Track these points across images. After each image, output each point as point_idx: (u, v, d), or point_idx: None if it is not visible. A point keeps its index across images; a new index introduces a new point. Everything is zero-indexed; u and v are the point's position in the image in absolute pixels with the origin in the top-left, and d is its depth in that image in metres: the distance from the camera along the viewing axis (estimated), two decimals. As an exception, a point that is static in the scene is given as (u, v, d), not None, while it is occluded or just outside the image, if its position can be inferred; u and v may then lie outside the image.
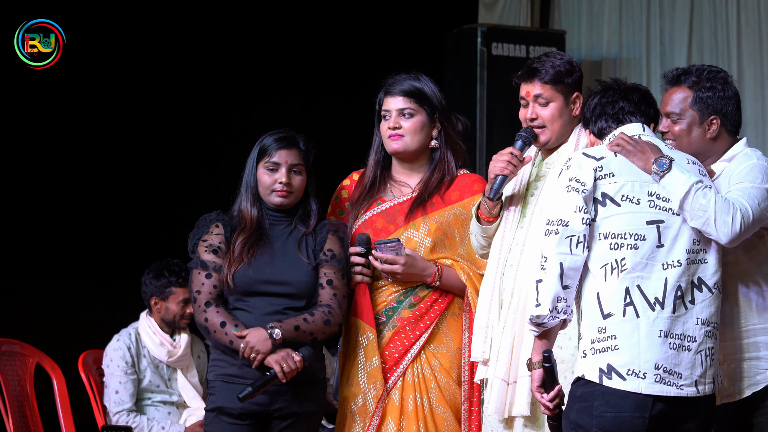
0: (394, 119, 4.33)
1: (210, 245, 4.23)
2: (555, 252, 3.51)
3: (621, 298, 3.52)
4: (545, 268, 3.51)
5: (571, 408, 3.56)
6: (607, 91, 3.76)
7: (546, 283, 3.51)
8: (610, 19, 8.01)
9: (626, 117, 3.72)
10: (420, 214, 4.33)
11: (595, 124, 3.76)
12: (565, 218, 3.53)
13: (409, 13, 7.71)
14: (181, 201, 6.90)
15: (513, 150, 4.07)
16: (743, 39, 7.50)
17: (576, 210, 3.53)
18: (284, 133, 4.29)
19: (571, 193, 3.55)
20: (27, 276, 6.67)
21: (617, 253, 3.53)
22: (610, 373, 3.49)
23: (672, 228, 3.57)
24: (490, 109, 7.35)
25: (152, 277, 5.76)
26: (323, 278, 4.25)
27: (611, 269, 3.53)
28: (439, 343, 4.30)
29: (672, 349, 3.52)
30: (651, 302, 3.52)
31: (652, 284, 3.53)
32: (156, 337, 5.74)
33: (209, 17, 7.25)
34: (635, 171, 3.59)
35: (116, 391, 5.63)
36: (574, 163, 3.60)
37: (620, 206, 3.55)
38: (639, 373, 3.49)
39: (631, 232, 3.54)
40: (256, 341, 4.10)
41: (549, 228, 3.54)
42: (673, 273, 3.55)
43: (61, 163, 6.85)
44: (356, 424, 4.24)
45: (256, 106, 7.26)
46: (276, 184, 4.22)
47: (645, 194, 3.57)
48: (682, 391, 3.52)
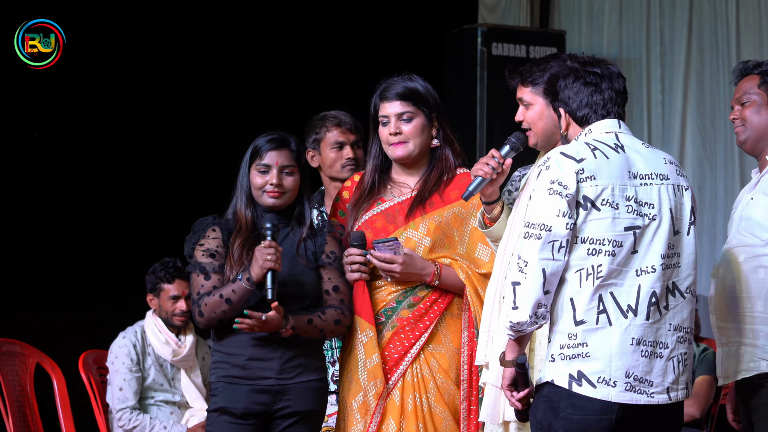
0: (394, 124, 4.31)
1: (207, 249, 4.23)
2: (537, 257, 3.43)
3: (594, 306, 3.47)
4: (525, 273, 3.44)
5: (538, 408, 3.53)
6: (589, 73, 3.64)
7: (526, 288, 3.44)
8: (610, 19, 8.02)
9: (612, 109, 3.62)
10: (419, 214, 4.33)
11: (579, 110, 3.64)
12: (547, 222, 3.45)
13: (409, 13, 7.72)
14: (181, 201, 6.90)
15: (495, 152, 4.07)
16: (743, 39, 7.51)
17: (559, 214, 3.45)
18: (275, 134, 4.29)
19: (553, 196, 3.47)
20: (27, 276, 6.68)
21: (594, 259, 3.47)
22: (581, 379, 3.45)
23: (647, 233, 3.51)
24: (490, 109, 7.35)
25: (149, 274, 5.82)
26: (329, 283, 4.26)
27: (586, 275, 3.47)
28: (437, 344, 4.30)
29: (644, 357, 3.48)
30: (624, 310, 3.48)
31: (625, 291, 3.49)
32: (161, 336, 5.75)
33: (209, 19, 7.25)
34: (614, 174, 3.51)
35: (120, 387, 5.64)
36: (553, 164, 3.51)
37: (600, 211, 3.48)
38: (609, 381, 3.45)
39: (609, 238, 3.47)
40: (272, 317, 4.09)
41: (530, 231, 3.46)
42: (648, 279, 3.50)
43: (61, 163, 6.85)
44: (357, 421, 4.24)
45: (256, 107, 7.27)
46: (267, 186, 4.23)
47: (623, 199, 3.51)
48: (652, 399, 3.49)
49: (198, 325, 4.30)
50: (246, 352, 4.18)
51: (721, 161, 7.59)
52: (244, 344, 4.18)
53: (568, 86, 3.64)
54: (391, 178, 4.42)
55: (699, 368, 6.14)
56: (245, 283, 4.11)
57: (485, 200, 4.14)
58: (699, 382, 6.12)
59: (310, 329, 4.17)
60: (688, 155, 7.65)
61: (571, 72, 3.65)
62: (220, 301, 4.14)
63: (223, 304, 4.14)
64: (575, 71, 3.64)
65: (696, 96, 7.68)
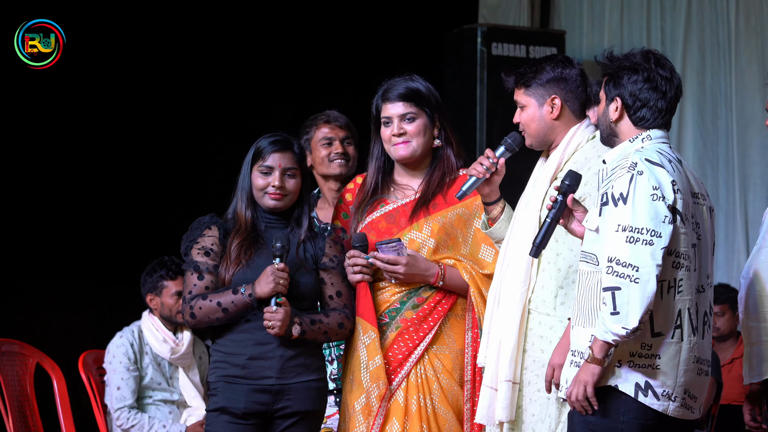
0: (397, 125, 4.31)
1: (203, 248, 4.23)
2: (652, 263, 3.37)
3: (673, 320, 3.48)
4: (637, 279, 3.37)
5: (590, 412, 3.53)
6: (661, 78, 3.58)
7: (637, 294, 3.38)
8: (610, 20, 8.02)
9: (668, 119, 3.61)
10: (423, 215, 4.33)
11: (640, 111, 3.60)
12: (657, 229, 3.39)
13: (409, 13, 7.71)
14: (181, 201, 6.90)
15: (489, 152, 4.08)
16: (743, 39, 7.50)
17: (665, 221, 3.41)
18: (279, 136, 4.29)
19: (657, 202, 3.42)
20: (27, 276, 6.68)
21: (677, 272, 3.47)
22: (647, 390, 3.47)
23: (700, 250, 3.54)
24: (490, 109, 7.35)
25: (146, 274, 5.80)
26: (332, 287, 4.27)
27: (668, 287, 3.47)
28: (441, 345, 4.29)
29: (698, 375, 3.54)
30: (694, 326, 3.51)
31: (695, 309, 3.51)
32: (159, 334, 5.75)
33: (208, 19, 7.25)
34: (686, 189, 3.51)
35: (118, 387, 5.63)
36: (647, 171, 3.45)
37: (684, 225, 3.48)
38: (671, 396, 3.49)
39: (689, 254, 3.48)
40: (283, 317, 4.10)
41: (634, 236, 3.40)
42: (703, 298, 3.55)
43: (61, 163, 6.85)
44: (360, 423, 4.23)
45: (256, 107, 7.27)
46: (269, 187, 4.23)
47: (690, 215, 3.52)
48: (693, 414, 3.55)
49: (186, 323, 4.31)
50: (246, 351, 4.18)
51: (722, 161, 7.59)
52: (244, 344, 4.18)
53: (636, 83, 3.58)
54: (393, 180, 4.42)
55: (700, 368, 6.15)
56: (247, 298, 4.12)
57: (484, 200, 4.14)
58: (700, 382, 6.13)
59: (315, 330, 4.17)
60: (689, 155, 7.64)
61: (644, 70, 3.59)
62: (217, 309, 4.15)
63: (219, 312, 4.15)
64: (648, 71, 3.59)
65: (697, 96, 7.67)
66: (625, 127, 3.62)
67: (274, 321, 4.10)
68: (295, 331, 4.13)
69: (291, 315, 4.12)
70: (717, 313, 6.69)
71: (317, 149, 4.95)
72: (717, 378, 6.17)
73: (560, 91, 3.99)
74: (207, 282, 4.20)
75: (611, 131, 3.64)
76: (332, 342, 4.40)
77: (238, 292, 4.13)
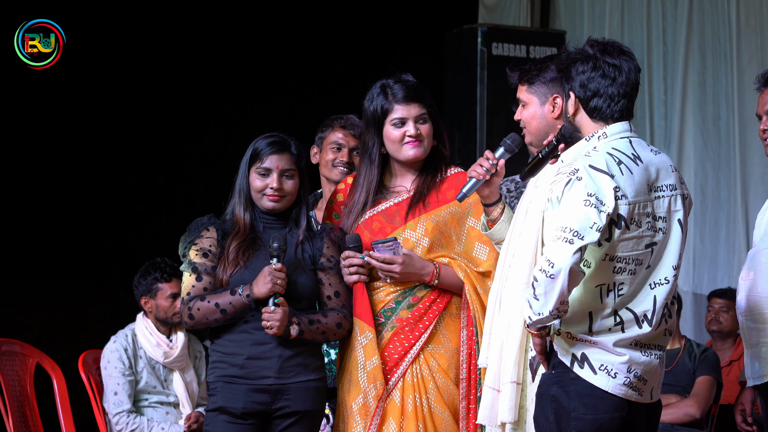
0: (413, 126, 4.29)
1: (201, 248, 4.23)
2: (568, 261, 3.41)
3: (611, 322, 3.51)
4: (552, 275, 3.42)
5: (550, 386, 3.59)
6: (608, 65, 3.57)
7: (550, 287, 3.43)
8: (611, 20, 8.01)
9: (625, 105, 3.61)
10: (417, 214, 4.32)
11: (591, 101, 3.60)
12: (582, 232, 3.41)
13: (409, 13, 7.72)
14: (181, 202, 6.91)
15: (489, 154, 4.08)
16: (743, 39, 7.50)
17: (593, 227, 3.42)
18: (276, 137, 4.28)
19: (590, 208, 3.43)
20: (27, 276, 6.68)
21: (617, 277, 3.50)
22: (583, 362, 3.50)
23: (660, 247, 3.54)
24: (490, 109, 7.35)
25: (139, 276, 5.79)
26: (329, 288, 4.27)
27: (607, 291, 3.51)
28: (437, 344, 4.29)
29: (645, 357, 3.53)
30: (639, 319, 3.52)
31: (641, 304, 3.53)
32: (153, 338, 5.74)
33: (209, 19, 7.26)
34: (639, 190, 3.51)
35: (115, 392, 5.63)
36: (586, 177, 3.47)
37: (629, 230, 3.49)
38: (611, 372, 3.50)
39: (633, 257, 3.50)
40: (281, 317, 4.10)
41: (562, 235, 3.44)
42: (662, 291, 3.54)
43: (61, 163, 6.86)
44: (357, 423, 4.23)
45: (255, 107, 7.27)
46: (267, 189, 4.22)
47: (645, 216, 3.52)
48: (641, 397, 3.55)
49: (185, 325, 4.31)
50: (245, 351, 4.18)
51: (723, 162, 7.58)
52: (242, 344, 4.18)
53: (584, 72, 3.58)
54: (387, 179, 4.41)
55: (700, 368, 6.15)
56: (245, 299, 4.13)
57: (484, 202, 4.14)
58: (700, 382, 6.12)
59: (313, 330, 4.18)
60: (690, 156, 7.64)
61: (590, 59, 3.58)
62: (215, 310, 4.15)
63: (218, 313, 4.15)
64: (594, 59, 3.58)
65: (698, 96, 7.67)
66: (584, 122, 3.63)
67: (272, 321, 4.10)
68: (293, 331, 4.13)
69: (289, 315, 4.13)
70: (723, 309, 6.71)
71: (326, 151, 4.96)
72: (717, 378, 6.17)
73: (562, 90, 3.99)
74: (205, 283, 4.20)
75: (573, 127, 3.65)
76: (330, 342, 4.39)
77: (236, 293, 4.14)
